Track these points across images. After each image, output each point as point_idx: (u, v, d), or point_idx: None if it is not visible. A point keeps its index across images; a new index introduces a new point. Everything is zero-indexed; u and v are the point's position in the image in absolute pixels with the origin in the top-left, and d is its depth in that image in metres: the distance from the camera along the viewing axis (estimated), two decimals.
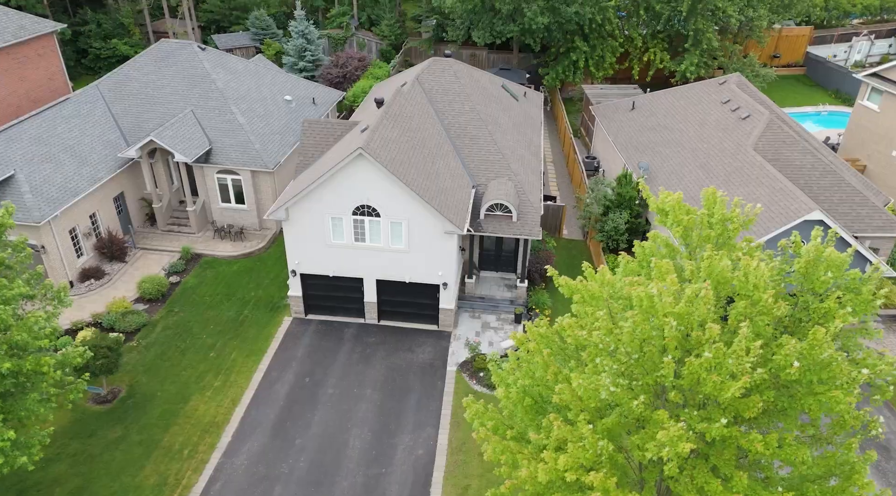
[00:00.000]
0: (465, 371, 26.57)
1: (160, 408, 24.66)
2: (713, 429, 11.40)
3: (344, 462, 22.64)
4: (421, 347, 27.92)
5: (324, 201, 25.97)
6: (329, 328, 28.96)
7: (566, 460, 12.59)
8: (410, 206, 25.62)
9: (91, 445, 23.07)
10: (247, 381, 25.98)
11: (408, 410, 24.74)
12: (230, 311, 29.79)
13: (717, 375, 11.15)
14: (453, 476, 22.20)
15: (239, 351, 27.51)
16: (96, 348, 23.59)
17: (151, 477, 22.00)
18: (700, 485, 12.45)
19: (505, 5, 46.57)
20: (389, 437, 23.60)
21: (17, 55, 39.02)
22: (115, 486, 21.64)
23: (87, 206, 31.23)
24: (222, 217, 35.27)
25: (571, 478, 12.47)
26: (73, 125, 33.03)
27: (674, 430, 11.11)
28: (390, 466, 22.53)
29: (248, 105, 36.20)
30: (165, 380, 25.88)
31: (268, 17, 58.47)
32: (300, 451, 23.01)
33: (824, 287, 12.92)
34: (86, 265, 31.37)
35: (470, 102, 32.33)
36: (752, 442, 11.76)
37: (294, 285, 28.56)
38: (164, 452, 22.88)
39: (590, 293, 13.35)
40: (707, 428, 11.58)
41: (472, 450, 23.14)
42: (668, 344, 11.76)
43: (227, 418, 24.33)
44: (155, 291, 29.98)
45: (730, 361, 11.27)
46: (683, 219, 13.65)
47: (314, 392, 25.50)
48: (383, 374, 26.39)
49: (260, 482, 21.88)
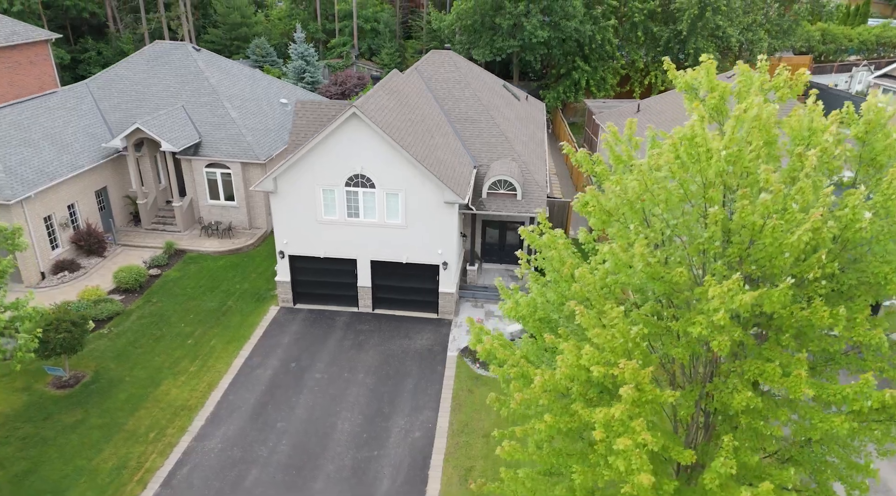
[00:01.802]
0: (468, 356, 24.08)
1: (127, 392, 22.08)
2: (776, 295, 9.14)
3: (331, 445, 19.92)
4: (419, 334, 25.50)
5: (315, 170, 24.19)
6: (319, 317, 26.61)
7: (590, 352, 10.28)
8: (407, 175, 23.82)
9: (44, 429, 20.40)
10: (226, 367, 23.46)
11: (404, 394, 22.15)
12: (212, 302, 27.50)
13: (780, 219, 9.03)
14: (454, 458, 19.44)
15: (219, 338, 25.08)
16: (58, 322, 21.29)
17: (110, 460, 19.25)
18: (753, 376, 10.10)
19: (505, 20, 46.31)
20: (383, 420, 20.94)
21: (8, 60, 38.15)
22: (66, 469, 18.87)
23: (65, 195, 29.45)
24: (210, 214, 33.43)
25: (598, 373, 10.12)
26: (57, 116, 31.69)
27: (729, 283, 8.89)
28: (383, 449, 19.80)
29: (242, 103, 35.03)
30: (136, 366, 23.37)
31: (268, 45, 58.55)
32: (281, 434, 20.32)
33: (889, 155, 10.93)
34: (60, 257, 29.29)
35: (471, 89, 31.09)
36: (818, 313, 9.52)
37: (282, 269, 26.39)
38: (128, 436, 20.20)
39: (615, 157, 11.30)
40: (766, 294, 9.35)
41: (475, 431, 20.45)
42: (713, 196, 9.68)
43: (201, 402, 21.72)
44: (132, 281, 27.77)
45: (794, 205, 9.19)
46: (718, 85, 11.78)
47: (300, 377, 22.95)
48: (378, 360, 23.88)
49: (234, 465, 19.12)
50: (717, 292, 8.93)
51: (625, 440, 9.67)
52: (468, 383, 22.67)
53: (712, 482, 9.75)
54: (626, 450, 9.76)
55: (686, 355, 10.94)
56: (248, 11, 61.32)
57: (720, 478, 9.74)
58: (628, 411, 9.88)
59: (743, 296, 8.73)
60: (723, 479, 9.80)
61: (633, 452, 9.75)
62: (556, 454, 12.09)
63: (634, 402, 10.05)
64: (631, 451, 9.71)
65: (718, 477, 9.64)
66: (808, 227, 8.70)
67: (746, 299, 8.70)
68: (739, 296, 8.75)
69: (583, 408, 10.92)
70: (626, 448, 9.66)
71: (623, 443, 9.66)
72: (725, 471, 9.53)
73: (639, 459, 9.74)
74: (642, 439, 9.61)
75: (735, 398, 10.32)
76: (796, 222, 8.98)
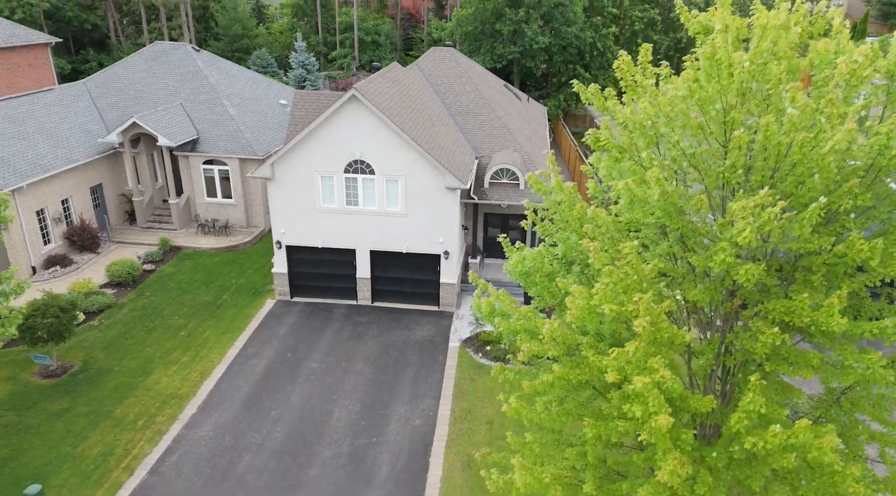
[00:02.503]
0: (470, 346, 23.26)
1: (116, 381, 21.23)
2: (807, 215, 8.46)
3: (327, 432, 19.03)
4: (419, 326, 24.70)
5: (313, 156, 23.66)
6: (316, 309, 25.84)
7: (602, 290, 9.58)
8: (408, 160, 23.28)
9: (28, 417, 19.52)
10: (219, 357, 22.64)
11: (404, 383, 21.29)
12: (207, 296, 26.75)
13: (808, 133, 8.41)
14: (457, 444, 18.53)
15: (213, 330, 24.29)
16: (46, 307, 20.56)
17: (96, 447, 18.34)
18: (779, 316, 9.38)
19: (506, 26, 46.31)
20: (382, 408, 20.06)
21: (7, 62, 37.90)
22: (49, 456, 17.96)
23: (58, 189, 28.90)
24: (207, 212, 32.84)
25: (610, 312, 9.40)
26: (53, 112, 31.32)
27: (758, 198, 8.23)
28: (382, 436, 18.90)
29: (241, 101, 34.71)
30: (126, 356, 22.55)
31: (269, 56, 58.61)
32: (276, 422, 19.44)
33: None
34: (52, 252, 28.63)
35: (472, 84, 30.74)
36: (854, 246, 8.85)
37: (279, 260, 25.70)
38: (115, 423, 19.32)
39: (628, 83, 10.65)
40: (795, 217, 8.69)
41: (478, 418, 19.57)
42: (735, 117, 9.07)
43: (193, 391, 20.86)
44: (125, 275, 27.06)
45: (822, 119, 8.58)
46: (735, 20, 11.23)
47: (296, 366, 22.11)
48: (376, 350, 23.06)
49: (226, 452, 18.21)
50: (743, 206, 8.26)
51: (641, 378, 8.93)
52: (470, 372, 21.83)
53: (739, 423, 8.96)
54: (642, 391, 9.02)
55: (706, 299, 10.24)
56: (250, 24, 61.56)
57: (748, 418, 8.96)
58: (643, 349, 9.16)
59: (772, 210, 8.06)
60: (751, 420, 9.01)
61: (651, 393, 9.00)
62: (566, 414, 11.30)
63: (650, 341, 9.34)
64: (648, 392, 8.96)
65: (747, 415, 8.86)
66: (842, 135, 8.07)
67: (776, 211, 8.03)
68: (768, 210, 8.08)
69: (594, 355, 10.19)
70: (643, 388, 8.91)
71: (640, 381, 8.93)
72: (755, 408, 8.75)
73: (656, 400, 8.98)
74: (660, 376, 8.87)
75: (759, 340, 9.59)
76: (826, 137, 8.35)
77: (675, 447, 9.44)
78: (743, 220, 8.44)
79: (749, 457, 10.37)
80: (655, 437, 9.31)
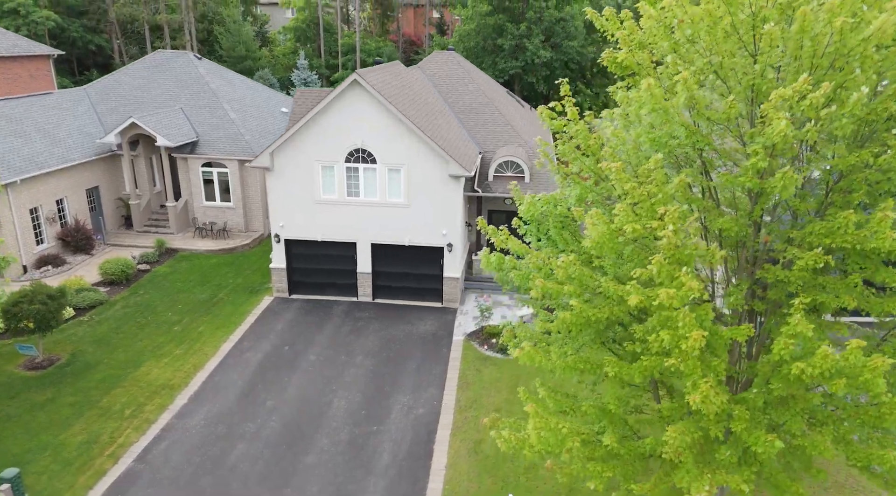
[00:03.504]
0: (475, 339, 22.31)
1: (103, 373, 20.24)
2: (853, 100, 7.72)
3: (325, 421, 17.98)
4: (422, 321, 23.79)
5: (314, 145, 23.11)
6: (316, 305, 24.95)
7: (624, 209, 8.83)
8: (410, 148, 22.72)
9: (10, 406, 18.49)
10: (214, 350, 21.69)
11: (406, 374, 20.29)
12: (203, 294, 25.89)
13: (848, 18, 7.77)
14: (462, 432, 17.46)
15: (208, 325, 23.38)
16: (33, 294, 19.74)
17: (79, 435, 17.28)
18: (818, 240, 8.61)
19: (507, 41, 46.45)
20: (383, 399, 19.03)
21: (8, 72, 37.64)
22: (30, 444, 16.89)
23: (53, 188, 28.31)
24: (205, 216, 32.20)
25: (633, 231, 8.64)
26: (52, 114, 30.98)
27: (798, 85, 7.53)
28: (383, 425, 17.84)
29: (242, 107, 34.41)
30: (116, 350, 21.59)
31: (272, 76, 58.81)
32: (271, 412, 18.40)
33: None
34: (45, 252, 27.87)
35: (475, 84, 30.44)
36: None
37: (277, 255, 24.93)
38: (101, 413, 18.28)
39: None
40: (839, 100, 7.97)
41: (484, 406, 18.53)
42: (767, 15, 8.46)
43: (184, 382, 19.86)
44: (119, 272, 26.26)
45: (864, 7, 7.96)
46: None
47: (293, 359, 21.14)
48: (378, 344, 22.10)
49: (218, 441, 17.14)
50: (780, 95, 7.57)
51: (667, 291, 8.12)
52: (476, 364, 20.85)
53: (785, 348, 8.09)
54: (669, 311, 8.18)
55: (734, 229, 9.48)
56: (253, 46, 61.97)
57: (794, 343, 8.10)
58: (670, 259, 8.36)
59: (815, 96, 7.36)
60: (794, 347, 8.15)
61: (681, 311, 8.18)
62: (583, 361, 10.43)
63: (675, 260, 8.56)
64: (677, 308, 8.14)
65: (794, 338, 8.00)
66: (887, 16, 7.41)
67: (818, 96, 7.33)
68: (811, 96, 7.38)
69: (614, 285, 9.39)
70: (670, 300, 8.09)
71: (665, 293, 8.11)
72: (802, 330, 7.90)
73: (686, 319, 8.16)
74: (689, 288, 8.05)
75: (796, 265, 8.80)
76: (870, 17, 7.71)
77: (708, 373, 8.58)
78: (777, 117, 7.74)
79: (786, 398, 9.49)
80: (686, 364, 8.46)
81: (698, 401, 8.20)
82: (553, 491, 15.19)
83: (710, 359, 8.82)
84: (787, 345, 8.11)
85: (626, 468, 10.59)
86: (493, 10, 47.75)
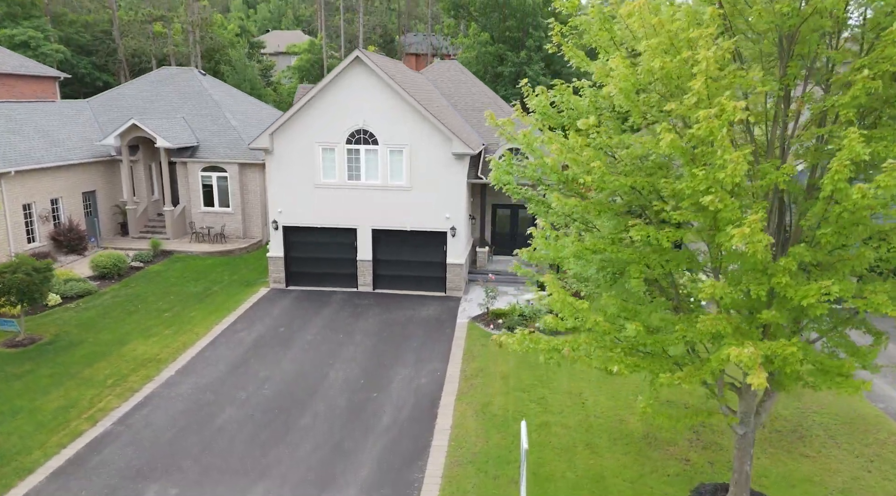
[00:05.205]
0: (480, 321, 21.24)
1: (87, 350, 19.10)
2: None
3: (321, 389, 16.77)
4: (425, 306, 22.77)
5: (314, 126, 22.72)
6: (314, 294, 23.96)
7: (651, 47, 8.19)
8: (413, 128, 22.32)
9: None
10: (205, 330, 20.61)
11: (408, 351, 19.14)
12: (196, 288, 24.91)
13: None
14: (468, 396, 16.21)
15: (200, 311, 22.35)
16: (17, 265, 18.89)
17: (56, 401, 16.05)
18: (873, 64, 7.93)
19: (507, 68, 47.03)
20: (384, 371, 17.84)
21: (13, 90, 37.97)
22: (2, 409, 15.66)
23: (49, 186, 27.79)
24: (203, 221, 31.55)
25: (662, 66, 7.97)
26: (53, 119, 30.82)
27: None
28: (383, 392, 16.62)
29: (244, 117, 34.37)
30: (102, 331, 20.49)
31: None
32: (264, 381, 17.20)
33: None
34: (36, 251, 27.05)
35: (478, 86, 30.44)
36: None
37: (275, 242, 24.13)
38: (81, 382, 17.08)
39: None
40: None
41: (491, 374, 17.35)
42: None
43: (172, 357, 18.71)
44: (111, 266, 25.39)
45: None
46: None
47: (289, 337, 20.04)
48: (378, 326, 21.02)
49: (205, 406, 15.90)
50: None
51: (706, 111, 7.40)
52: (482, 340, 19.73)
53: (840, 172, 7.27)
54: (708, 129, 7.41)
55: (764, 90, 8.79)
56: (258, 84, 62.96)
57: (847, 169, 7.29)
58: (709, 82, 7.66)
59: None
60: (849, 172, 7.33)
61: (718, 133, 7.42)
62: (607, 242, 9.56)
63: (714, 86, 7.86)
64: (715, 127, 7.37)
65: (847, 167, 7.20)
66: None
67: None
68: None
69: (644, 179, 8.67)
70: (708, 122, 7.34)
71: (704, 114, 7.38)
72: (860, 151, 7.13)
73: (723, 143, 7.41)
74: (732, 108, 7.31)
75: (854, 85, 8.00)
76: None
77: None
78: None
79: (834, 262, 8.60)
80: (724, 201, 7.63)
81: (744, 237, 7.27)
82: (564, 445, 13.90)
83: (749, 202, 7.98)
84: (840, 168, 7.28)
85: (653, 363, 9.54)
86: (492, 40, 48.62)
